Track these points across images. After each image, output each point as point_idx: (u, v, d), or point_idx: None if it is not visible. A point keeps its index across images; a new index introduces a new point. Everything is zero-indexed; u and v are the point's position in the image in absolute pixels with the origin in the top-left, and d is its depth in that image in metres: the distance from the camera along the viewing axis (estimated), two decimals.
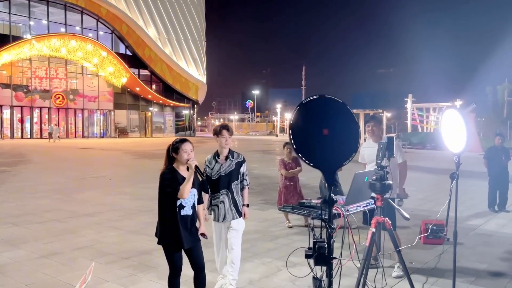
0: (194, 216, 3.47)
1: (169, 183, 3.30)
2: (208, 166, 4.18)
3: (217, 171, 4.13)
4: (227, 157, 4.17)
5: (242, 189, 4.25)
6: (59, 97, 40.54)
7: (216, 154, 4.20)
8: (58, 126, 39.22)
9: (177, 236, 3.31)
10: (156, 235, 3.49)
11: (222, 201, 4.12)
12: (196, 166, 3.30)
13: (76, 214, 7.74)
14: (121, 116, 46.20)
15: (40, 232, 6.47)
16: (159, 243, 3.45)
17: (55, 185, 11.32)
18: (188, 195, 3.29)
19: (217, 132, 4.15)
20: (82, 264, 4.97)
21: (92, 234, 6.37)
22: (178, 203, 3.32)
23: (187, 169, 3.41)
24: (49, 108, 40.42)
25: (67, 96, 41.18)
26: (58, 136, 36.51)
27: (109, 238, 6.19)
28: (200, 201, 3.56)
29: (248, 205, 4.32)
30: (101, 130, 45.51)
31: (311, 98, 2.55)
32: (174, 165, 3.42)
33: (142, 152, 24.16)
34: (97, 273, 4.48)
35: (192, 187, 3.35)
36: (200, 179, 3.51)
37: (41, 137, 39.41)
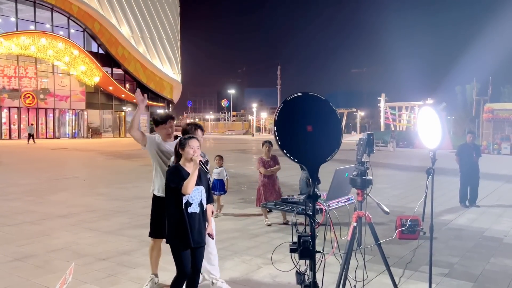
0: (203, 216, 3.39)
1: (173, 178, 3.25)
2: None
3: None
4: None
5: None
6: (29, 97, 39.39)
7: None
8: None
9: (185, 234, 3.23)
10: (164, 235, 3.43)
11: None
12: (200, 161, 3.26)
13: (50, 216, 7.56)
14: (94, 116, 45.26)
15: (12, 235, 6.28)
16: (167, 242, 3.37)
17: (27, 187, 11.01)
18: (191, 190, 3.21)
19: (189, 132, 3.95)
20: (58, 266, 4.87)
21: (68, 236, 6.24)
22: (184, 200, 3.26)
23: None
24: (19, 108, 39.23)
25: (37, 96, 40.08)
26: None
27: (86, 239, 6.08)
28: (209, 200, 3.49)
29: None
30: (73, 130, 44.42)
31: (295, 95, 2.59)
32: (180, 162, 3.38)
33: (116, 153, 23.76)
34: (74, 275, 4.37)
35: (199, 185, 3.31)
36: (207, 172, 3.46)
37: (10, 138, 38.23)
